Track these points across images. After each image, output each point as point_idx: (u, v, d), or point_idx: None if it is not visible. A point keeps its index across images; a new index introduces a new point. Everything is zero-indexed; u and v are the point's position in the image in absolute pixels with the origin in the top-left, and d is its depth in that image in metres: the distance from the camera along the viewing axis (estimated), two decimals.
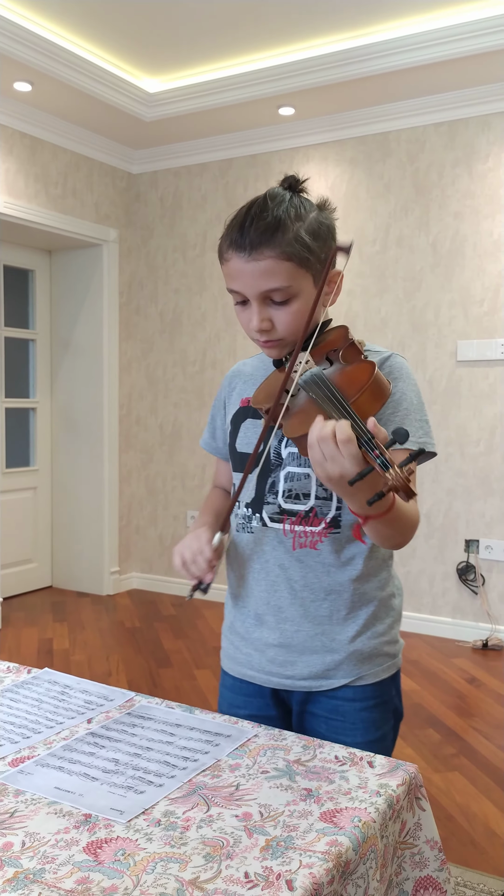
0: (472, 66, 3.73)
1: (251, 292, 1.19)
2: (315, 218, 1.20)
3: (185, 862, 0.85)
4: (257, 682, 1.33)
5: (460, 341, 4.13)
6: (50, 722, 1.23)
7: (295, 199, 1.20)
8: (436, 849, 1.08)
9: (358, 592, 1.27)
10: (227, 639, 1.40)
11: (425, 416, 1.24)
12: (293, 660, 1.28)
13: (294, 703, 1.32)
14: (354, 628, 1.27)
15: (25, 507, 5.06)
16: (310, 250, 1.17)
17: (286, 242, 1.15)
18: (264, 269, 1.16)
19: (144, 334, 5.16)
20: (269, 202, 1.18)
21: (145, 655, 3.89)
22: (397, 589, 1.35)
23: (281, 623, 1.29)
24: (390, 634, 1.31)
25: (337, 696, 1.28)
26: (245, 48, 3.92)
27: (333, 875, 0.85)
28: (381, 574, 1.30)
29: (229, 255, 1.19)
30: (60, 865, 0.85)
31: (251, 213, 1.17)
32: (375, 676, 1.29)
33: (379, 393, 1.06)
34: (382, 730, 1.30)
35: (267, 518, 1.28)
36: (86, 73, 4.00)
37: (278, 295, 1.18)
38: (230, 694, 1.39)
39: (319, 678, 1.27)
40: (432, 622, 4.27)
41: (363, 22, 3.64)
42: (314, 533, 1.25)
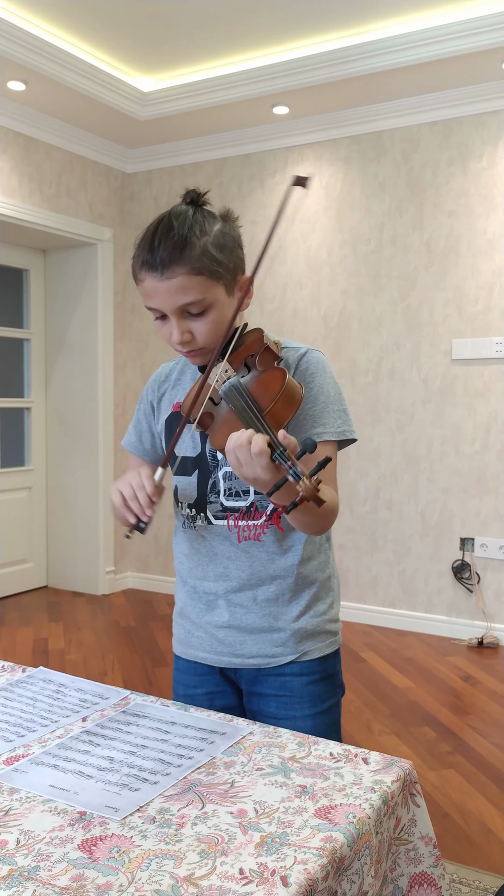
0: (466, 65, 3.74)
1: (168, 308, 1.24)
2: (220, 230, 1.25)
3: (179, 859, 0.85)
4: (209, 663, 1.41)
5: (455, 340, 4.14)
6: (45, 720, 1.23)
7: (198, 215, 1.25)
8: (430, 845, 1.08)
9: (300, 576, 1.36)
10: (178, 624, 1.47)
11: (343, 406, 1.32)
12: (242, 639, 1.36)
13: (242, 683, 1.39)
14: (298, 608, 1.36)
15: (20, 507, 5.06)
16: (218, 262, 1.23)
17: (195, 258, 1.21)
18: (177, 285, 1.21)
19: (139, 333, 5.16)
20: (174, 220, 1.23)
21: (141, 655, 3.89)
22: (334, 571, 1.44)
23: (231, 607, 1.37)
24: (330, 613, 1.40)
25: (285, 673, 1.36)
26: (239, 47, 3.92)
27: (328, 871, 0.86)
28: (319, 557, 1.38)
29: (143, 275, 1.24)
30: (55, 863, 0.85)
31: (158, 233, 1.23)
32: (319, 652, 1.38)
33: (291, 399, 1.13)
34: (329, 702, 1.38)
35: (211, 516, 1.36)
36: (80, 72, 3.99)
37: (194, 307, 1.24)
38: (184, 676, 1.45)
39: (267, 656, 1.36)
40: (428, 620, 4.27)
41: (357, 21, 3.64)
42: (256, 526, 1.33)
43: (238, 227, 1.31)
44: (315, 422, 1.29)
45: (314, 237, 4.49)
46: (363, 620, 4.43)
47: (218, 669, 1.40)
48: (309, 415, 1.29)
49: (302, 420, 1.29)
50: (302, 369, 1.30)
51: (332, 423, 1.29)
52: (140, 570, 5.23)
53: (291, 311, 4.59)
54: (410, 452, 4.29)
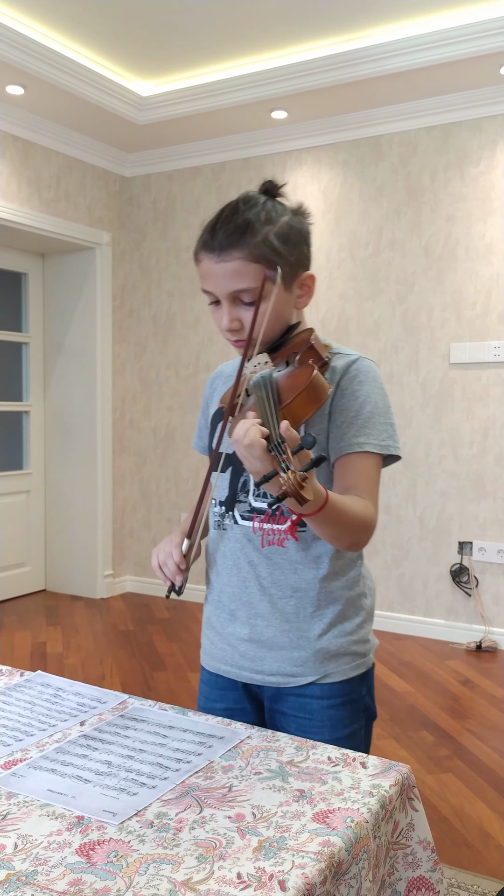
0: (464, 70, 3.75)
1: (221, 292, 1.22)
2: (287, 222, 1.23)
3: (177, 863, 0.85)
4: (230, 677, 1.36)
5: (453, 344, 4.15)
6: (43, 724, 1.22)
7: (268, 203, 1.24)
8: (428, 849, 1.08)
9: (324, 591, 1.29)
10: (205, 634, 1.44)
11: (391, 420, 1.27)
12: (263, 655, 1.31)
13: (265, 699, 1.35)
14: (321, 626, 1.29)
15: (19, 511, 5.05)
16: (278, 253, 1.20)
17: (254, 245, 1.18)
18: (233, 270, 1.19)
19: (138, 337, 5.16)
20: (242, 205, 1.22)
21: (139, 658, 3.89)
22: (368, 589, 1.36)
23: (252, 618, 1.32)
24: (359, 634, 1.32)
25: (305, 694, 1.29)
26: (238, 52, 3.93)
27: (326, 875, 0.86)
28: (348, 573, 1.31)
29: (201, 255, 1.23)
30: (53, 867, 0.85)
31: (222, 216, 1.21)
32: (343, 674, 1.30)
33: (313, 397, 1.10)
34: (351, 728, 1.31)
35: (238, 516, 1.32)
36: (79, 76, 4.00)
37: (247, 295, 1.21)
38: (206, 688, 1.42)
39: (287, 675, 1.30)
40: (426, 624, 4.27)
41: (355, 26, 3.65)
42: (280, 531, 1.28)
43: (309, 224, 1.28)
44: (359, 432, 1.23)
45: (312, 241, 4.49)
46: None
47: (241, 684, 1.35)
48: (353, 424, 1.23)
49: (345, 428, 1.23)
50: (350, 376, 1.25)
51: (376, 435, 1.23)
52: (138, 573, 5.23)
53: None
54: (409, 456, 4.29)
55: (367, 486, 1.22)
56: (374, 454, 1.24)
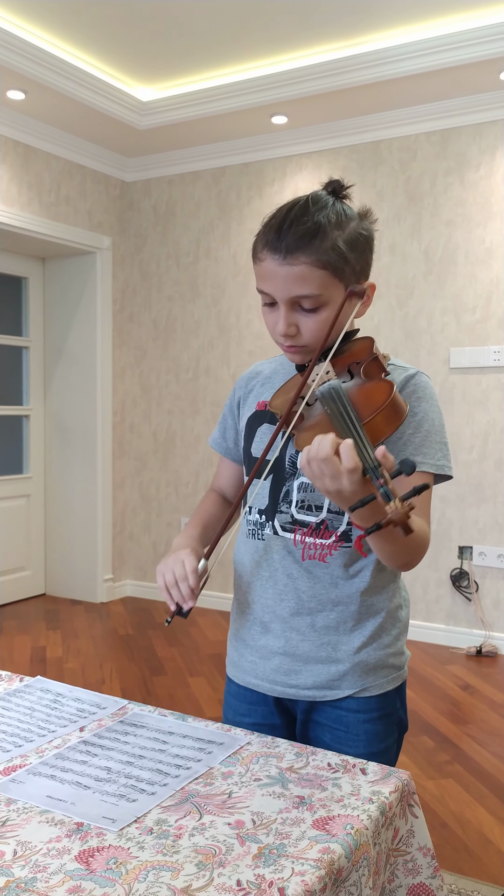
0: (464, 76, 3.76)
1: (281, 296, 1.16)
2: (355, 227, 1.18)
3: (177, 870, 0.85)
4: (261, 691, 1.32)
5: (453, 348, 4.15)
6: (42, 730, 1.22)
7: (337, 206, 1.18)
8: (429, 856, 1.08)
9: (366, 604, 1.25)
10: (233, 646, 1.38)
11: (445, 439, 1.22)
12: (298, 669, 1.27)
13: (298, 712, 1.31)
14: (360, 639, 1.25)
15: (19, 515, 5.05)
16: (346, 260, 1.15)
17: (323, 250, 1.13)
18: (298, 274, 1.13)
19: (138, 341, 5.17)
20: (311, 206, 1.15)
21: (139, 663, 3.88)
22: (404, 600, 1.33)
23: (286, 632, 1.27)
24: (396, 646, 1.30)
25: (341, 707, 1.26)
26: (238, 57, 3.94)
27: (326, 882, 0.85)
28: (389, 586, 1.28)
29: (264, 255, 1.17)
30: (52, 874, 0.84)
31: (291, 216, 1.14)
32: (380, 688, 1.27)
33: (394, 416, 1.04)
34: (386, 742, 1.28)
35: (279, 527, 1.27)
36: (79, 81, 4.01)
37: (308, 302, 1.16)
38: (235, 702, 1.37)
39: (324, 688, 1.26)
40: (426, 629, 4.27)
41: (356, 31, 3.66)
42: (324, 545, 1.23)
43: (374, 230, 1.22)
44: (416, 450, 1.19)
45: None
46: None
47: (272, 699, 1.31)
48: (410, 441, 1.19)
49: (402, 445, 1.19)
50: (409, 391, 1.20)
51: (432, 455, 1.19)
52: (138, 577, 5.22)
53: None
54: None
55: (422, 506, 1.16)
56: (429, 474, 1.20)
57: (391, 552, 1.12)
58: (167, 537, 5.10)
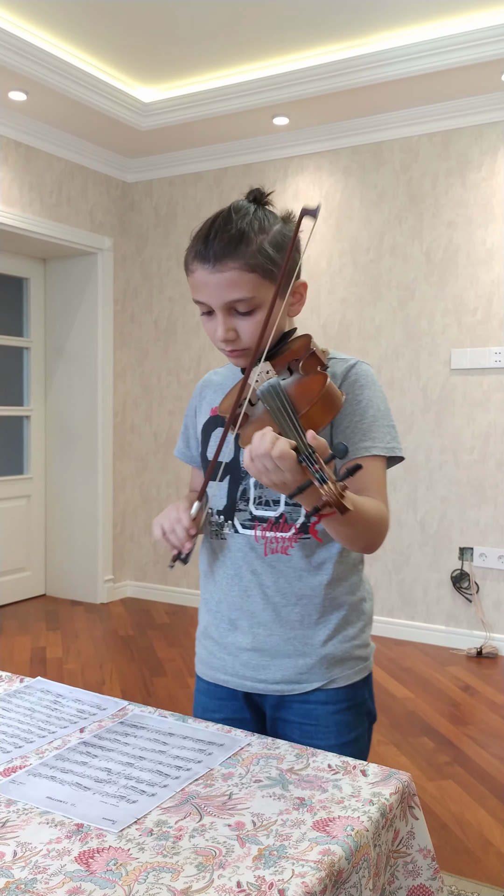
0: (466, 77, 3.76)
1: (216, 303, 1.21)
2: (279, 230, 1.23)
3: (177, 871, 0.85)
4: (231, 686, 1.35)
5: (454, 350, 4.15)
6: (42, 731, 1.22)
7: (259, 212, 1.23)
8: (429, 857, 1.08)
9: (329, 597, 1.29)
10: (201, 644, 1.42)
11: (392, 422, 1.28)
12: (266, 664, 1.30)
13: (267, 708, 1.34)
14: (326, 632, 1.29)
15: (19, 516, 5.05)
16: (273, 262, 1.20)
17: (249, 254, 1.18)
18: (228, 280, 1.19)
19: (139, 342, 5.17)
20: (234, 215, 1.21)
21: (139, 664, 3.88)
22: (368, 594, 1.37)
23: (254, 627, 1.31)
24: (361, 638, 1.34)
25: (310, 700, 1.30)
26: (239, 58, 3.94)
27: (326, 884, 0.85)
28: (351, 579, 1.32)
29: (194, 266, 1.22)
30: (52, 875, 0.84)
31: (216, 226, 1.21)
32: (347, 679, 1.31)
33: (330, 405, 1.09)
34: (356, 732, 1.32)
35: (239, 525, 1.31)
36: (81, 82, 4.01)
37: (242, 305, 1.21)
38: (204, 698, 1.41)
39: (292, 682, 1.30)
40: (426, 630, 4.26)
41: (357, 33, 3.66)
42: (285, 538, 1.28)
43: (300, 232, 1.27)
44: (364, 436, 1.24)
45: (313, 247, 4.51)
46: None
47: (242, 694, 1.34)
48: (358, 429, 1.24)
49: (350, 434, 1.24)
50: (351, 381, 1.26)
51: (381, 438, 1.25)
52: (138, 578, 5.22)
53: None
54: (409, 461, 4.29)
55: (377, 488, 1.23)
56: (381, 457, 1.25)
57: (348, 535, 1.17)
58: None
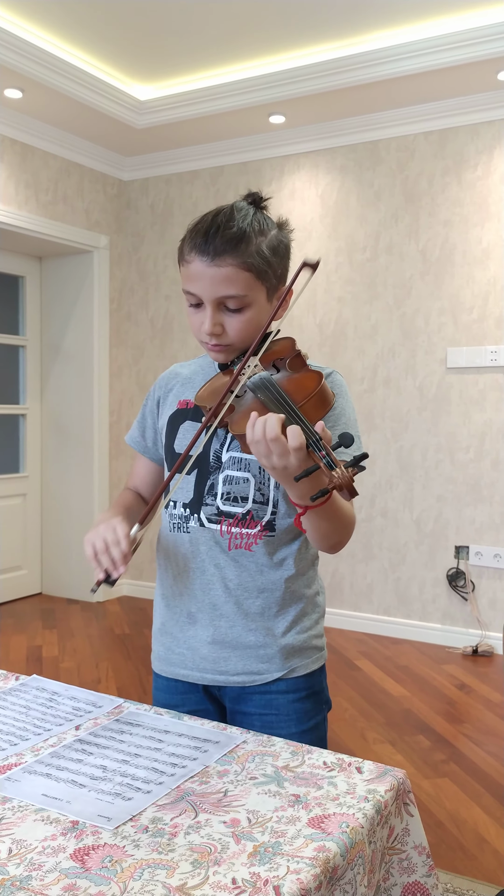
0: (462, 76, 3.76)
1: (208, 296, 1.24)
2: (275, 235, 1.27)
3: (172, 868, 0.85)
4: (191, 681, 1.37)
5: (450, 348, 4.15)
6: (38, 729, 1.22)
7: (259, 215, 1.27)
8: (424, 854, 1.08)
9: (289, 591, 1.33)
10: (158, 641, 1.43)
11: (358, 433, 1.32)
12: (227, 655, 1.33)
13: (227, 701, 1.36)
14: (285, 624, 1.33)
15: (15, 514, 5.05)
16: (269, 264, 1.24)
17: (248, 254, 1.22)
18: (224, 275, 1.22)
19: (135, 341, 5.16)
20: (236, 213, 1.24)
21: (135, 662, 3.88)
22: (321, 587, 1.42)
23: (215, 620, 1.33)
24: (316, 629, 1.38)
25: (270, 690, 1.33)
26: (236, 56, 3.94)
27: (321, 881, 0.85)
28: (308, 573, 1.37)
29: (191, 257, 1.25)
30: (47, 872, 0.84)
31: (217, 221, 1.23)
32: (306, 668, 1.35)
33: (324, 401, 1.12)
34: (315, 719, 1.36)
35: (205, 519, 1.33)
36: (77, 80, 4.00)
37: (233, 302, 1.24)
38: (164, 695, 1.42)
39: (253, 673, 1.32)
40: (422, 628, 4.27)
41: (354, 31, 3.66)
42: (249, 535, 1.30)
43: (291, 239, 1.32)
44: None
45: (310, 245, 4.51)
46: (358, 628, 4.43)
47: (201, 687, 1.36)
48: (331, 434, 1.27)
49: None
50: None
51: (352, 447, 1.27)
52: (134, 577, 5.22)
53: (287, 318, 4.59)
54: (405, 460, 4.29)
55: None
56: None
57: (325, 530, 1.19)
58: None
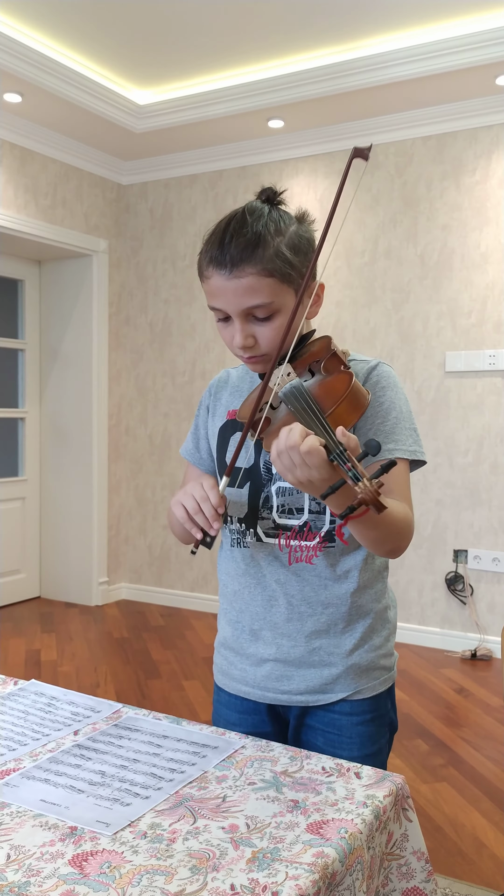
0: (460, 81, 3.77)
1: (233, 309, 1.17)
2: (295, 231, 1.18)
3: (170, 874, 0.85)
4: (252, 699, 1.31)
5: (448, 352, 4.16)
6: (36, 734, 1.22)
7: (274, 213, 1.18)
8: (422, 860, 1.08)
9: (355, 605, 1.26)
10: (221, 654, 1.38)
11: (414, 425, 1.24)
12: (290, 674, 1.27)
13: (291, 718, 1.31)
14: (352, 641, 1.26)
15: (14, 518, 5.04)
16: (291, 265, 1.16)
17: (267, 258, 1.14)
18: (246, 286, 1.14)
19: (134, 344, 5.17)
20: (248, 217, 1.16)
21: (134, 666, 3.88)
22: (392, 601, 1.34)
23: (277, 638, 1.27)
24: (386, 647, 1.30)
25: (334, 710, 1.26)
26: (235, 61, 3.95)
27: (320, 887, 0.85)
28: (376, 586, 1.29)
29: (210, 272, 1.17)
30: (46, 878, 0.84)
31: (230, 229, 1.15)
32: (372, 690, 1.28)
33: (356, 403, 1.06)
34: (378, 744, 1.29)
35: (262, 533, 1.27)
36: (76, 84, 4.01)
37: (261, 311, 1.16)
38: (225, 710, 1.37)
39: (316, 693, 1.26)
40: (421, 632, 4.27)
41: (352, 36, 3.67)
42: (309, 547, 1.24)
43: (313, 231, 1.22)
44: (387, 438, 1.19)
45: None
46: None
47: (265, 706, 1.31)
48: (381, 431, 1.20)
49: (372, 435, 1.20)
50: (373, 382, 1.22)
51: (404, 441, 1.21)
52: (133, 580, 5.22)
53: None
54: None
55: (402, 491, 1.19)
56: (404, 460, 1.21)
57: (374, 538, 1.13)
58: (162, 540, 5.09)
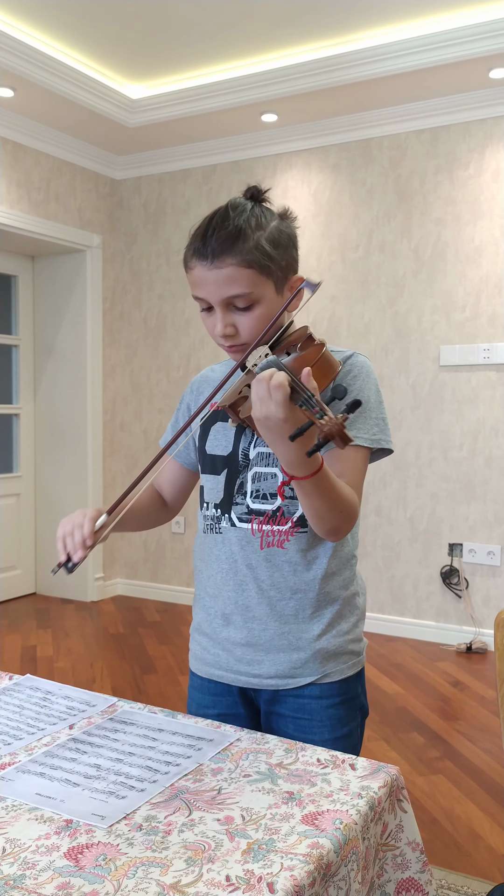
0: (454, 74, 3.77)
1: (214, 299, 1.23)
2: (276, 227, 1.25)
3: (166, 866, 0.85)
4: (225, 682, 1.35)
5: (443, 346, 4.16)
6: (31, 728, 1.22)
7: (256, 209, 1.25)
8: (417, 850, 1.08)
9: (323, 591, 1.30)
10: (195, 639, 1.42)
11: (383, 415, 1.30)
12: (260, 658, 1.31)
13: (262, 703, 1.35)
14: (320, 627, 1.30)
15: (9, 514, 5.04)
16: (270, 258, 1.22)
17: (246, 250, 1.20)
18: (226, 276, 1.21)
19: (128, 340, 5.16)
20: (231, 212, 1.23)
21: (130, 662, 3.88)
22: (361, 589, 1.38)
23: (248, 622, 1.31)
24: (355, 633, 1.35)
25: (304, 695, 1.30)
26: (228, 55, 3.94)
27: (315, 877, 0.86)
28: (344, 573, 1.33)
29: (193, 263, 1.24)
30: (41, 871, 0.84)
31: (213, 223, 1.22)
32: (341, 674, 1.32)
33: (326, 369, 1.11)
34: (349, 726, 1.33)
35: (235, 518, 1.31)
36: (68, 78, 4.00)
37: (241, 301, 1.22)
38: (198, 694, 1.41)
39: (286, 677, 1.30)
40: (416, 626, 4.28)
41: (346, 29, 3.67)
42: (281, 532, 1.28)
43: (295, 227, 1.30)
44: (350, 425, 1.24)
45: (303, 244, 4.49)
46: None
47: (236, 689, 1.35)
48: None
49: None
50: (344, 370, 1.27)
51: (366, 430, 1.26)
52: (129, 576, 5.22)
53: None
54: (399, 458, 4.30)
55: (353, 476, 1.24)
56: (364, 448, 1.26)
57: (317, 509, 1.16)
58: (158, 536, 5.09)
